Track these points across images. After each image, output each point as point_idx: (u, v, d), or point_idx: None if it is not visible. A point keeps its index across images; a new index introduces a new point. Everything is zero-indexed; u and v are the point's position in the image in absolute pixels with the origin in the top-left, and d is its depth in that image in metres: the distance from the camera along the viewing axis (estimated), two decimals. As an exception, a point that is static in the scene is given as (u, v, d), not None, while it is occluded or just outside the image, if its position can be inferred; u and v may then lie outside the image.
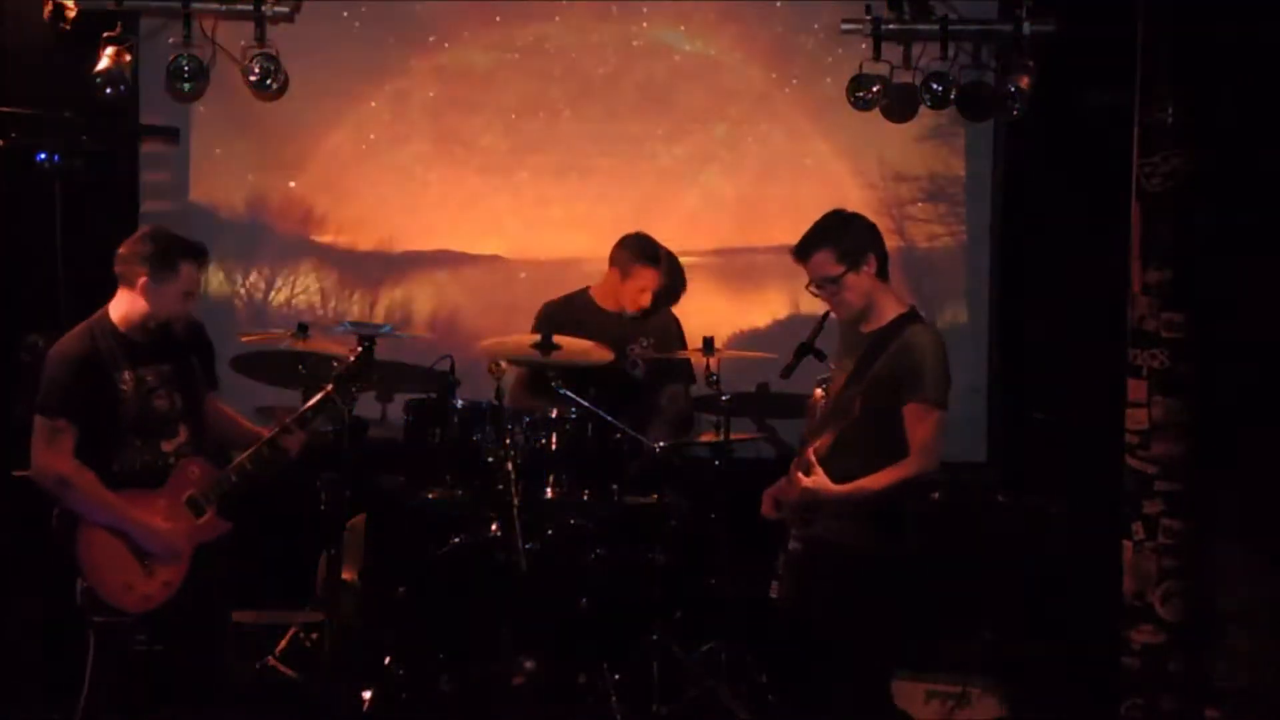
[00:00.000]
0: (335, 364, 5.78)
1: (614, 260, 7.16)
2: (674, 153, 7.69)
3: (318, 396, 5.58)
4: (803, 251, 5.35)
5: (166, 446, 5.38)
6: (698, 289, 7.64)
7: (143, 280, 5.31)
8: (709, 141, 7.67)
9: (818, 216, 7.52)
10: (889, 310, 5.32)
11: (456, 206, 7.71)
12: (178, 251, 5.35)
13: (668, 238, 7.38)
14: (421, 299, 7.68)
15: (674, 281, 7.29)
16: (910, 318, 5.31)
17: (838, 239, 5.31)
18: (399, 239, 7.69)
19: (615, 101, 7.67)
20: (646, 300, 7.13)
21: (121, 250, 5.40)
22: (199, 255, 5.41)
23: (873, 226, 5.40)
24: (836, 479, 5.18)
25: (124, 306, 5.36)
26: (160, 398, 5.38)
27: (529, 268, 7.66)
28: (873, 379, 5.21)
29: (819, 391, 5.40)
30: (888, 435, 5.19)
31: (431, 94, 7.66)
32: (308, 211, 7.67)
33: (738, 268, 7.69)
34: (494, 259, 7.71)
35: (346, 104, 7.64)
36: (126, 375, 5.32)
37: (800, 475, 5.24)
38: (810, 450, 5.23)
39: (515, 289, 7.61)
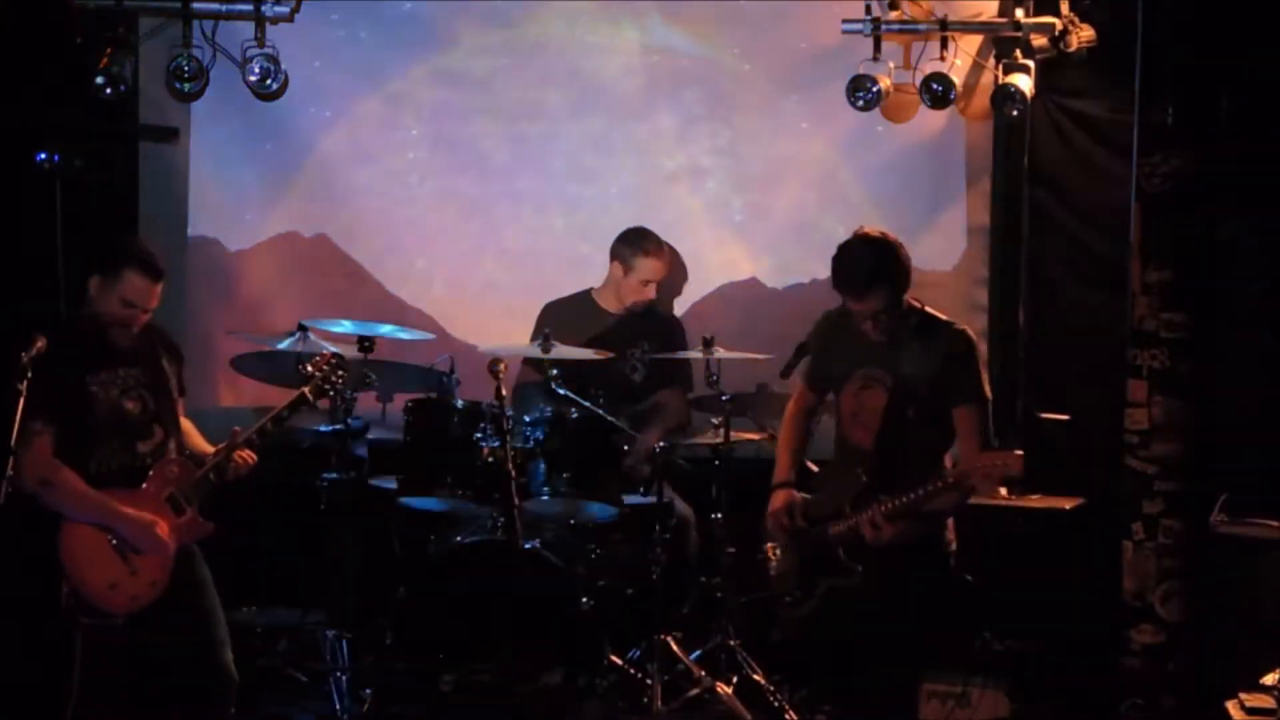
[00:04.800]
0: (306, 367, 5.73)
1: (614, 254, 7.18)
2: (675, 156, 7.68)
3: (292, 398, 5.57)
4: (858, 293, 5.35)
5: (143, 447, 5.38)
6: (699, 290, 7.64)
7: (91, 279, 5.33)
8: (710, 144, 7.65)
9: (818, 217, 7.61)
10: (909, 317, 5.42)
11: (456, 209, 7.70)
12: (122, 257, 5.34)
13: (670, 240, 7.39)
14: (422, 299, 7.67)
15: (675, 272, 7.35)
16: (929, 318, 5.40)
17: (891, 277, 5.35)
18: (399, 238, 7.68)
19: (616, 105, 7.66)
20: (651, 292, 7.16)
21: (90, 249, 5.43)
22: (146, 268, 5.34)
23: (904, 251, 5.42)
24: (901, 489, 5.26)
25: (90, 311, 5.38)
26: (131, 400, 5.38)
27: (530, 272, 7.64)
28: (917, 388, 5.32)
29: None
30: (941, 440, 5.31)
31: (430, 97, 7.65)
32: (308, 212, 7.66)
33: (739, 269, 7.69)
34: (494, 263, 7.70)
35: (345, 105, 7.63)
36: (97, 377, 5.33)
37: (868, 526, 5.30)
38: (881, 509, 5.28)
39: (516, 293, 7.60)
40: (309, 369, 5.67)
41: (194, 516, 5.38)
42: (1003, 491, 6.13)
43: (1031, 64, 7.01)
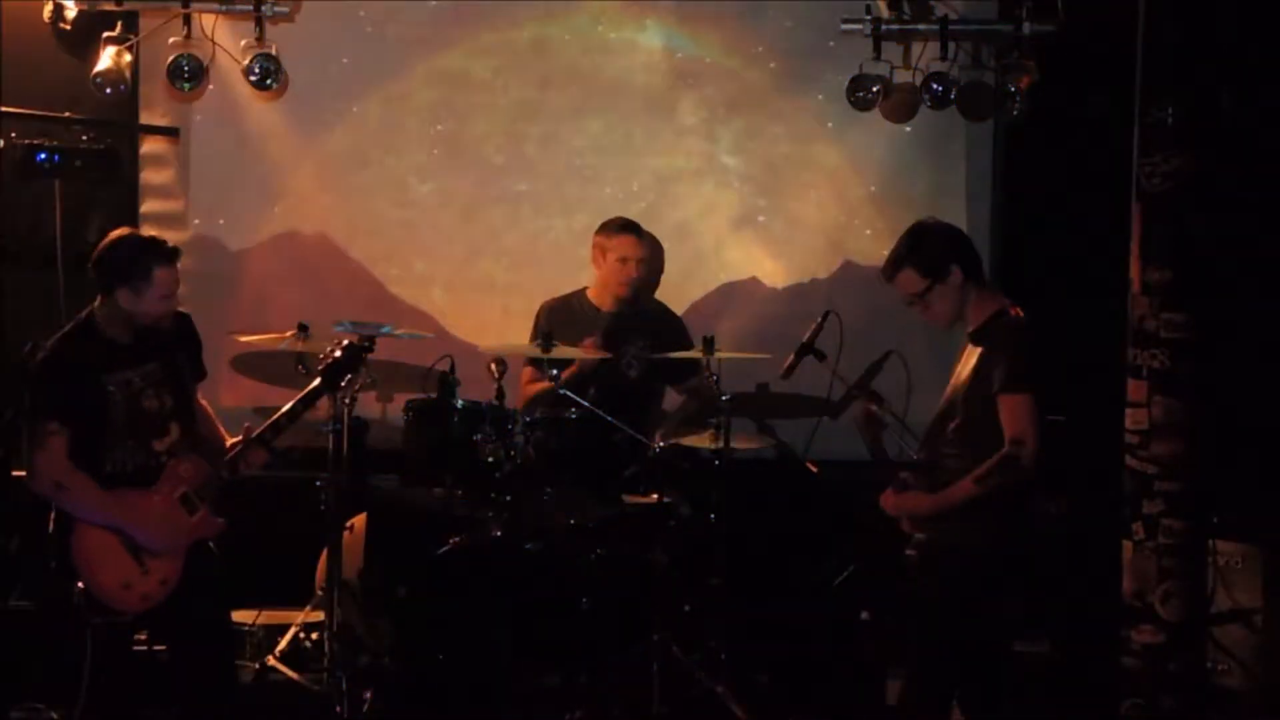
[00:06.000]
0: (320, 357, 5.78)
1: (593, 247, 7.16)
2: (675, 157, 7.68)
3: (306, 390, 5.58)
4: (889, 273, 5.38)
5: (158, 446, 5.40)
6: (699, 290, 7.65)
7: (121, 290, 5.32)
8: (711, 145, 7.66)
9: (818, 217, 7.64)
10: (983, 311, 5.37)
11: (457, 210, 7.70)
12: (150, 258, 5.34)
13: (670, 240, 7.39)
14: (422, 299, 7.67)
15: (655, 253, 7.35)
16: (1000, 315, 5.37)
17: (917, 255, 5.33)
18: (399, 238, 7.69)
19: (616, 106, 7.66)
20: (633, 270, 7.09)
21: (96, 258, 5.40)
22: (170, 257, 5.38)
23: (954, 234, 5.43)
24: (955, 477, 5.27)
25: (105, 311, 5.37)
26: (149, 398, 5.39)
27: (530, 272, 7.65)
28: (970, 381, 5.31)
29: None
30: (990, 432, 5.27)
31: (431, 97, 7.65)
32: (308, 212, 7.67)
33: (739, 269, 7.69)
34: (494, 263, 7.70)
35: (345, 106, 7.64)
36: (113, 378, 5.33)
37: (890, 494, 5.36)
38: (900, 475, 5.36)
39: (516, 293, 7.60)
40: (322, 358, 5.70)
41: (205, 515, 5.39)
42: None
43: (1032, 64, 7.01)
